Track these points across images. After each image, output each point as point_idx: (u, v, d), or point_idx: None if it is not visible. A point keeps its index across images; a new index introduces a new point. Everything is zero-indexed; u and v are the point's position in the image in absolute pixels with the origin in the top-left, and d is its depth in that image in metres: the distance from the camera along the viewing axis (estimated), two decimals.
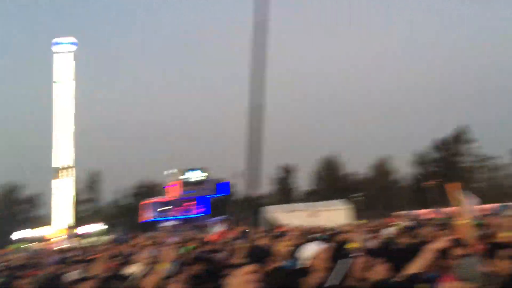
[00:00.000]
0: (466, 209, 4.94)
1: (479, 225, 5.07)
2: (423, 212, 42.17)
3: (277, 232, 13.19)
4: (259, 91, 5.90)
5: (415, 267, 3.56)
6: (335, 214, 38.73)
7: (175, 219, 69.48)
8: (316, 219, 34.94)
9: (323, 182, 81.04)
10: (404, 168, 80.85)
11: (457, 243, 4.57)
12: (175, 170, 78.04)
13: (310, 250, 3.81)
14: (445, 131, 78.04)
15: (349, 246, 5.80)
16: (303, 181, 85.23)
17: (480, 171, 76.79)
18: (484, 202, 45.09)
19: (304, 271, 3.61)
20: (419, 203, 56.06)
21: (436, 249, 3.65)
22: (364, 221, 32.40)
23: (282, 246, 6.00)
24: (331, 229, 17.78)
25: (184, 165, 78.96)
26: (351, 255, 3.84)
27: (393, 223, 20.24)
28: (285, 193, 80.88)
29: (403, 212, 43.68)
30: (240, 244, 7.56)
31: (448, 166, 73.27)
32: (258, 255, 6.56)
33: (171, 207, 73.31)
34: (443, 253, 4.39)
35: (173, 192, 75.26)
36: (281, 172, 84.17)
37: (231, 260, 6.29)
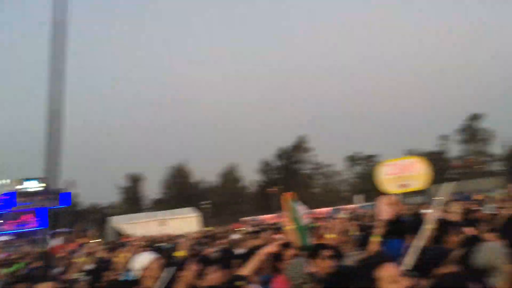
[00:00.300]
0: (297, 214, 5.32)
1: (308, 229, 5.49)
2: (267, 218, 44.46)
3: (120, 243, 12.75)
4: (57, 95, 5.61)
5: (247, 270, 3.73)
6: (183, 222, 38.84)
7: (7, 234, 62.86)
8: (165, 227, 34.68)
9: (172, 190, 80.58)
10: (251, 176, 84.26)
11: (288, 246, 4.90)
12: (8, 180, 70.78)
13: (142, 261, 3.75)
14: (288, 140, 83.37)
15: (177, 254, 5.83)
16: (151, 190, 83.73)
17: (317, 177, 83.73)
18: (320, 207, 49.15)
19: (135, 283, 3.55)
20: (264, 209, 58.86)
21: (267, 252, 3.87)
22: (211, 228, 33.05)
23: (121, 258, 5.81)
24: (179, 237, 17.77)
25: (19, 175, 72.13)
26: (179, 264, 3.87)
27: (238, 229, 21.05)
28: (132, 202, 78.51)
29: (249, 218, 45.56)
30: (78, 258, 7.16)
31: (289, 174, 78.41)
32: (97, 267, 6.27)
33: (2, 220, 66.22)
34: (276, 256, 4.69)
35: (6, 204, 68.09)
36: (128, 181, 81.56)
37: (66, 275, 5.91)
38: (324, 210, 44.91)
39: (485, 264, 3.05)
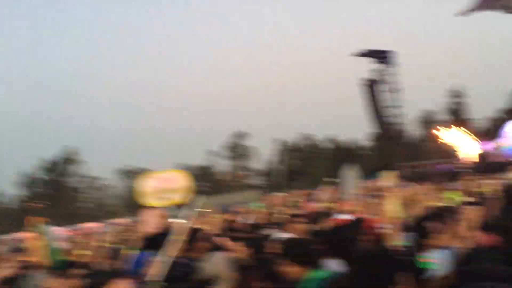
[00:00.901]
0: (47, 236, 4.97)
1: (60, 249, 5.14)
2: (25, 236, 40.28)
3: None
4: None
5: None
6: None
7: None
8: None
9: None
10: (8, 190, 75.36)
11: (31, 266, 4.47)
12: None
13: None
14: (53, 152, 77.27)
15: None
16: None
17: (88, 191, 79.84)
18: (90, 221, 46.99)
19: None
20: (24, 226, 53.25)
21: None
22: None
23: None
24: None
25: None
26: None
27: None
28: None
29: (2, 237, 40.61)
30: None
31: (56, 187, 73.08)
32: None
33: None
34: (11, 278, 4.22)
35: None
36: None
37: None
38: (93, 225, 43.00)
39: (212, 273, 3.25)
